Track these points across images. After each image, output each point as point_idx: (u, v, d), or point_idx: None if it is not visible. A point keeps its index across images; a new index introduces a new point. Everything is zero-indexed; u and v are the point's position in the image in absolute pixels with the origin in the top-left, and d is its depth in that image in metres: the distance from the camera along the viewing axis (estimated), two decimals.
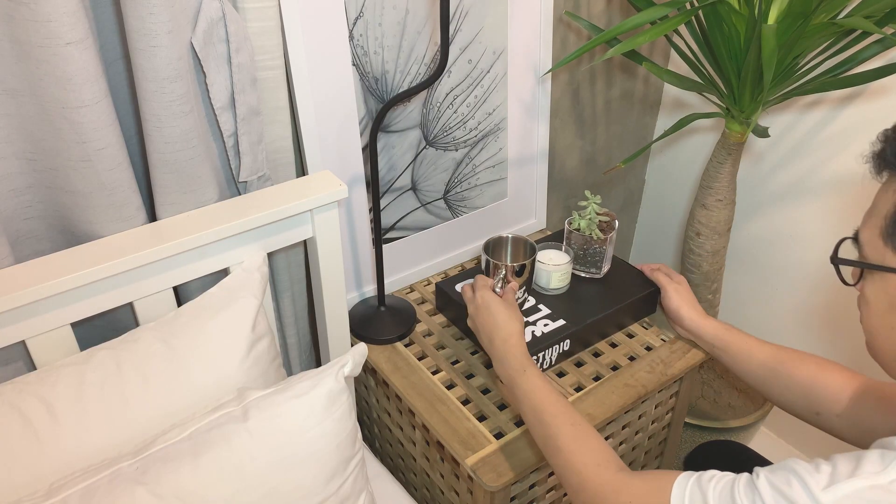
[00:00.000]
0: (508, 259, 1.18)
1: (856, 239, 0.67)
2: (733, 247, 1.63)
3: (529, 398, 0.87)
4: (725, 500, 0.63)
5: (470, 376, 1.10)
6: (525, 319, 1.12)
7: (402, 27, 1.10)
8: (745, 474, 0.64)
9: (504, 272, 1.09)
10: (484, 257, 1.11)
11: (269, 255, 1.09)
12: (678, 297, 1.11)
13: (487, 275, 1.11)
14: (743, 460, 1.10)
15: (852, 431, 0.90)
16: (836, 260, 0.70)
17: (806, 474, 0.59)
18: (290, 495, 0.81)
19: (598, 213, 1.19)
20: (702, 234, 1.32)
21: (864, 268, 0.66)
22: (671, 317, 1.12)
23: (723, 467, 1.11)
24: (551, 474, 1.06)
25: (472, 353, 1.14)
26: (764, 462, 1.09)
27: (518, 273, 1.10)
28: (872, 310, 0.66)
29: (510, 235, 1.17)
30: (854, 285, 0.68)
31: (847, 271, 0.69)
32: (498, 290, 1.03)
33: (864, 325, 0.68)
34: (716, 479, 0.65)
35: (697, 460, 1.15)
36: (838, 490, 0.57)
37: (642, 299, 1.18)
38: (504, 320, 0.95)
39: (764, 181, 1.54)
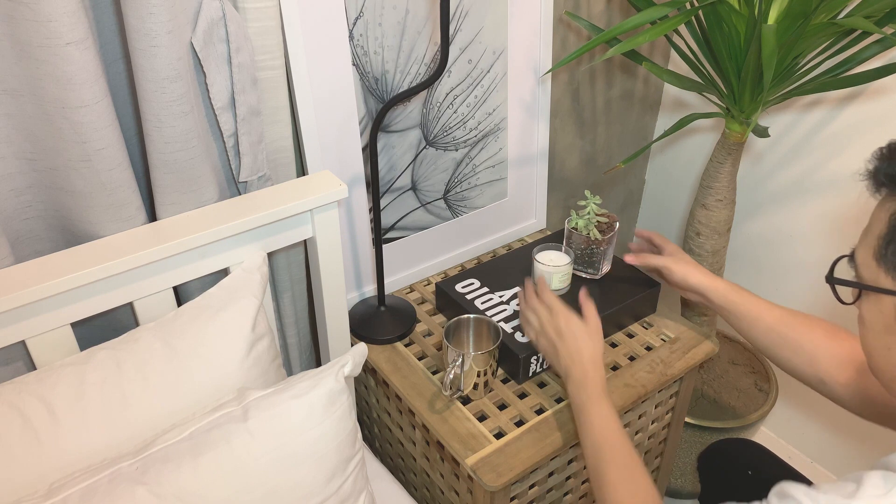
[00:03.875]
0: (471, 342, 1.09)
1: (852, 258, 0.66)
2: (733, 247, 1.63)
3: (595, 429, 0.88)
4: None
5: None
6: None
7: (402, 27, 1.10)
8: None
9: (461, 359, 1.00)
10: (444, 343, 1.02)
11: (269, 255, 1.09)
12: (681, 266, 1.07)
13: (447, 360, 1.02)
14: (759, 459, 1.09)
15: (855, 401, 0.89)
16: (831, 279, 0.69)
17: (806, 499, 0.59)
18: (290, 495, 0.82)
19: (597, 214, 1.19)
20: (702, 234, 1.32)
21: (858, 288, 0.65)
22: (680, 288, 1.09)
23: (738, 467, 1.10)
24: (551, 474, 1.06)
25: None
26: (780, 462, 1.09)
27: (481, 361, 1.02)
28: (868, 330, 0.66)
29: (472, 317, 1.07)
30: (852, 304, 0.67)
31: (844, 291, 0.68)
32: (450, 378, 0.98)
33: (862, 344, 0.68)
34: None
35: (712, 459, 1.15)
36: None
37: (642, 299, 1.18)
38: (588, 347, 0.95)
39: (764, 181, 1.54)
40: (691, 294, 1.08)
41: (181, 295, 1.02)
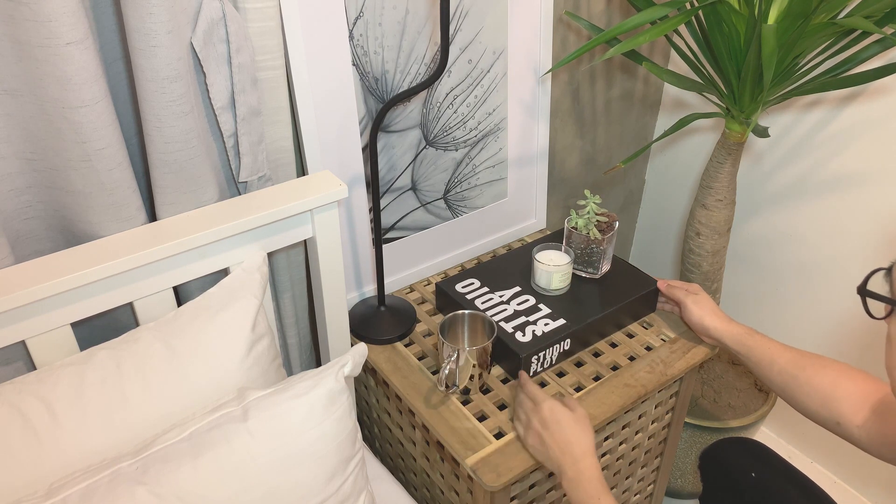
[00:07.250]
0: (466, 338, 1.09)
1: (889, 272, 0.62)
2: (733, 247, 1.63)
3: None
4: None
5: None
6: (525, 319, 1.12)
7: (402, 27, 1.10)
8: None
9: (456, 355, 1.00)
10: (439, 339, 1.01)
11: (269, 255, 1.09)
12: (699, 308, 1.09)
13: (442, 356, 1.01)
14: (760, 459, 1.09)
15: (874, 444, 0.87)
16: (863, 291, 0.63)
17: None
18: (290, 495, 0.82)
19: (596, 214, 1.19)
20: (702, 234, 1.32)
21: (894, 305, 0.61)
22: (696, 329, 1.11)
23: (738, 466, 1.10)
24: (551, 474, 1.06)
25: None
26: (781, 461, 1.09)
27: (474, 355, 1.01)
28: None
29: (466, 312, 1.07)
30: (882, 319, 0.63)
31: (875, 305, 0.64)
32: (446, 374, 0.98)
33: (888, 363, 0.64)
34: None
35: (712, 459, 1.15)
36: None
37: (642, 299, 1.18)
38: (577, 437, 0.89)
39: (764, 181, 1.54)
40: (706, 337, 1.10)
41: (181, 295, 1.02)
